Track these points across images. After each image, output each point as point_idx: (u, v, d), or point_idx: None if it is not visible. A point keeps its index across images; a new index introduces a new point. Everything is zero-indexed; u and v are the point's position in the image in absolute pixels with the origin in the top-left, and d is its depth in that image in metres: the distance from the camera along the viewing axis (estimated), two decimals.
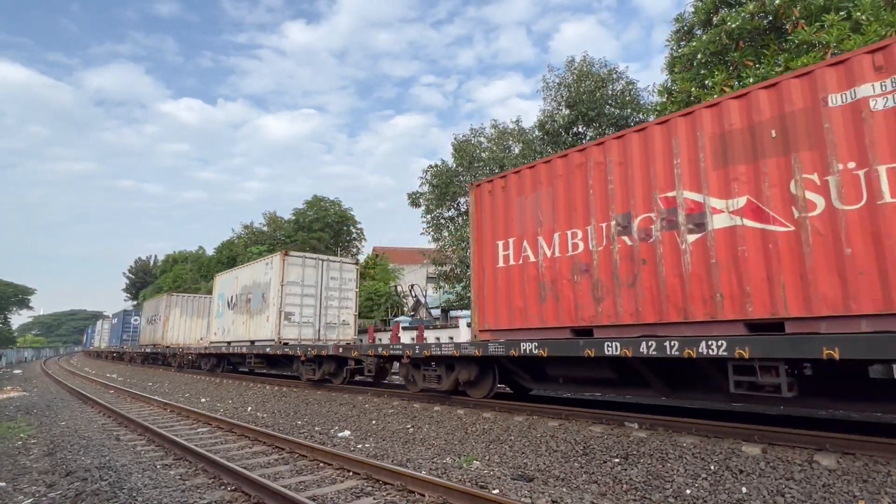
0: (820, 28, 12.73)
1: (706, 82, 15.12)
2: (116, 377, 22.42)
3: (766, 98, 5.72)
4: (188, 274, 46.86)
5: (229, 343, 17.28)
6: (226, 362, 18.74)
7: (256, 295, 15.94)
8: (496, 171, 23.20)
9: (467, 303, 20.43)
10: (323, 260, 15.80)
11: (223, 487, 5.19)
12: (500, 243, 8.53)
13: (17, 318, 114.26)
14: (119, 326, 37.06)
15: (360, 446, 6.93)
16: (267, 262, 15.63)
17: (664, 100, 16.77)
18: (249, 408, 11.02)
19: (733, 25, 14.14)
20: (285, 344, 13.97)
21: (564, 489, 4.80)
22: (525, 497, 4.53)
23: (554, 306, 7.55)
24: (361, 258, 34.51)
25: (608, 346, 6.10)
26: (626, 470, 5.11)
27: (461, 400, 8.89)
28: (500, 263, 8.47)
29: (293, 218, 34.13)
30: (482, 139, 25.48)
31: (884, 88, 4.96)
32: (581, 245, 7.33)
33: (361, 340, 19.20)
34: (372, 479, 5.25)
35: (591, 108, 22.25)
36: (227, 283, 18.82)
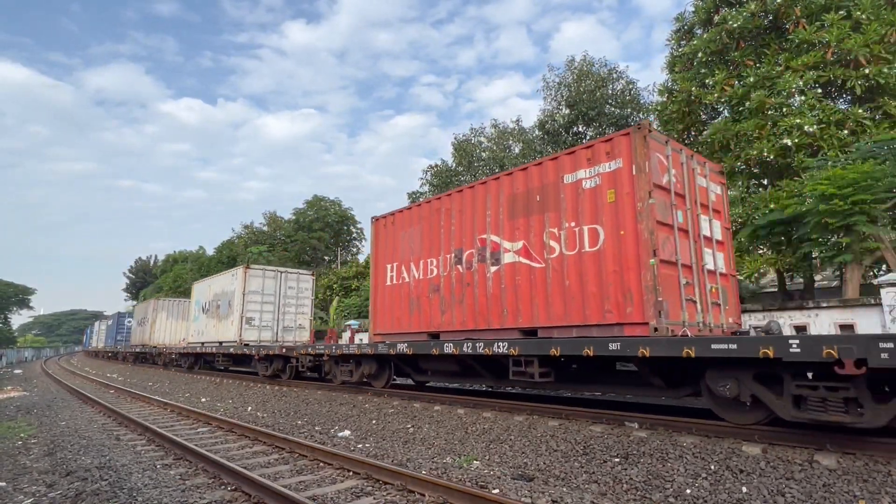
0: (820, 27, 12.71)
1: (707, 81, 15.10)
2: (116, 377, 22.42)
3: (537, 172, 7.95)
4: (188, 274, 46.89)
5: (203, 344, 19.21)
6: (202, 361, 20.71)
7: (224, 302, 18.05)
8: (496, 170, 23.20)
9: None
10: (281, 272, 18.05)
11: (223, 487, 5.19)
12: (388, 266, 10.88)
13: (18, 318, 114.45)
14: (114, 328, 39.14)
15: (360, 446, 6.93)
16: (232, 274, 17.84)
17: (664, 99, 16.75)
18: (250, 407, 11.02)
19: (734, 25, 14.12)
20: (246, 345, 16.03)
21: (565, 489, 4.79)
22: (525, 497, 4.53)
23: (418, 316, 9.88)
24: (361, 258, 34.51)
25: (447, 346, 8.30)
26: (626, 469, 5.11)
27: (461, 400, 8.91)
28: (388, 282, 10.82)
29: (293, 218, 34.18)
30: (482, 139, 25.48)
31: (590, 174, 7.20)
32: (435, 271, 9.61)
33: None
34: (372, 478, 5.25)
35: (591, 107, 22.25)
36: (202, 290, 20.92)
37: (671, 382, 6.63)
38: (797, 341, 4.76)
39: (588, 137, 23.89)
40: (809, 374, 5.05)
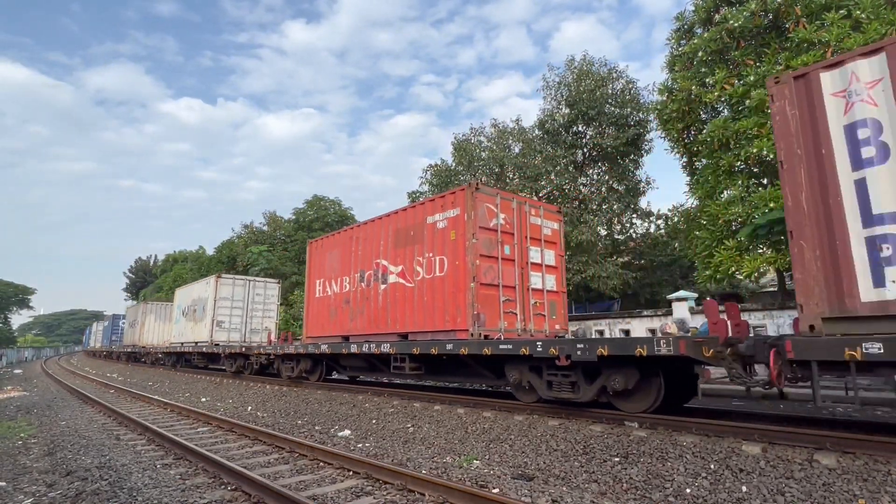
0: (820, 26, 12.70)
1: (707, 81, 15.09)
2: (116, 376, 22.43)
3: (412, 213, 10.20)
4: (188, 274, 46.86)
5: (182, 344, 21.40)
6: (183, 359, 22.51)
7: (199, 307, 20.15)
8: (496, 170, 23.17)
9: None
10: (250, 280, 20.33)
11: (223, 487, 5.19)
12: (317, 281, 13.21)
13: (18, 318, 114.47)
14: (109, 328, 41.54)
15: (360, 446, 6.93)
16: (206, 282, 20.04)
17: (664, 98, 16.74)
18: (250, 407, 11.03)
19: (735, 24, 14.11)
20: (216, 345, 18.09)
21: (565, 488, 4.80)
22: (525, 496, 4.53)
23: (336, 323, 12.14)
24: None
25: (352, 346, 10.47)
26: (626, 469, 5.11)
27: (461, 400, 8.92)
28: (317, 294, 13.16)
29: (293, 217, 34.15)
30: (482, 138, 25.44)
31: (441, 217, 9.36)
32: (347, 286, 11.89)
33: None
34: (372, 478, 5.25)
35: (591, 107, 22.24)
36: (183, 296, 23.14)
37: (495, 373, 8.55)
38: (540, 344, 7.02)
39: (588, 137, 23.88)
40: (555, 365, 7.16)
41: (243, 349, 15.70)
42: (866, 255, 4.71)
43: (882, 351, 4.29)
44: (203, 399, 12.96)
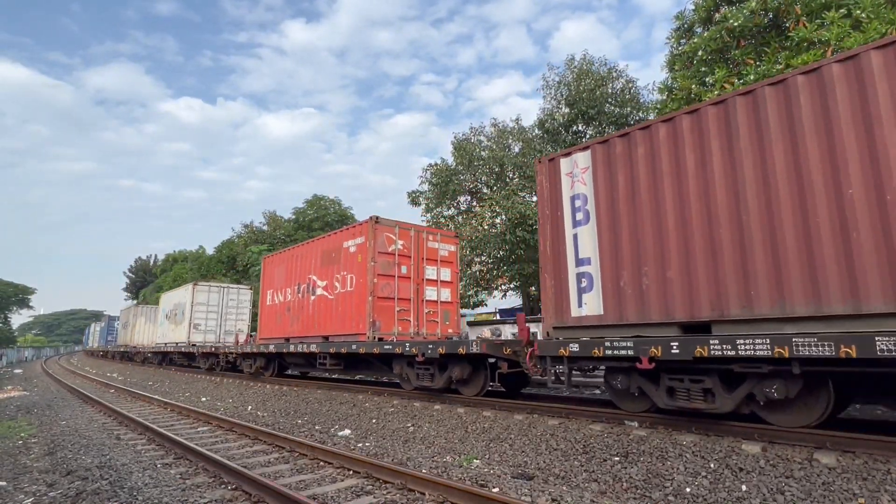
0: (820, 26, 12.70)
1: (707, 80, 15.09)
2: (116, 376, 22.44)
3: (335, 239, 12.45)
4: (188, 274, 46.82)
5: (165, 344, 23.93)
6: (168, 359, 24.64)
7: (179, 311, 22.45)
8: (496, 169, 23.15)
9: None
10: (224, 287, 22.72)
11: (223, 486, 5.20)
12: (269, 291, 15.56)
13: (18, 318, 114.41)
14: (106, 329, 44.87)
15: (360, 445, 6.93)
16: (185, 289, 22.46)
17: (664, 98, 16.74)
18: (250, 407, 11.03)
19: (735, 23, 14.10)
20: (193, 345, 20.32)
21: (564, 487, 4.80)
22: (525, 496, 4.54)
23: (281, 327, 14.34)
24: None
25: (291, 346, 12.81)
26: (625, 468, 5.11)
27: (460, 399, 8.92)
28: (268, 302, 15.48)
29: (293, 217, 34.12)
30: (482, 138, 25.42)
31: (353, 244, 11.55)
32: (290, 296, 14.13)
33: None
34: (372, 477, 5.25)
35: (590, 106, 22.22)
36: (166, 300, 25.51)
37: (389, 368, 10.48)
38: (408, 345, 9.21)
39: (588, 136, 23.84)
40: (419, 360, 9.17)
41: (213, 349, 18.01)
42: (576, 286, 6.85)
43: (578, 349, 6.44)
44: (203, 398, 12.97)
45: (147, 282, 70.84)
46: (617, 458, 5.39)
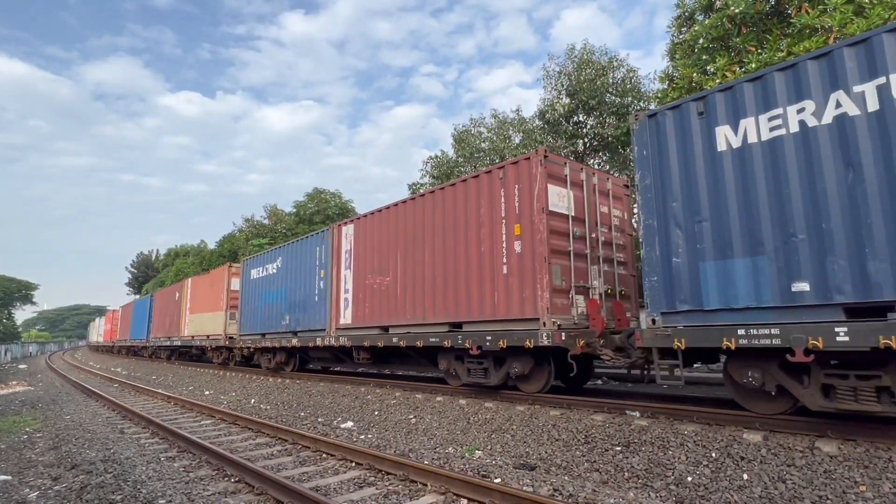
0: (823, 12, 12.56)
1: (708, 68, 14.95)
2: (120, 370, 22.55)
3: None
4: (190, 268, 46.92)
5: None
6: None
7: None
8: (496, 160, 23.06)
9: None
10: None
11: (227, 479, 5.22)
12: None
13: (21, 314, 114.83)
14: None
15: (362, 437, 6.96)
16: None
17: (666, 87, 16.61)
18: (253, 400, 11.08)
19: (736, 10, 13.95)
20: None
21: (566, 477, 4.82)
22: (527, 486, 4.55)
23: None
24: None
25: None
26: (627, 458, 5.12)
27: (462, 391, 8.94)
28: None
29: (294, 211, 34.08)
30: (482, 129, 25.29)
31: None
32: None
33: None
34: (374, 469, 5.28)
35: (591, 96, 22.08)
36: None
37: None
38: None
39: (589, 127, 23.71)
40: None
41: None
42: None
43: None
44: (206, 392, 13.03)
45: (149, 276, 70.95)
46: (618, 448, 5.41)
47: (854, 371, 4.69)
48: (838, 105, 4.80)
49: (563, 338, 6.79)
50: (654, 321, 5.87)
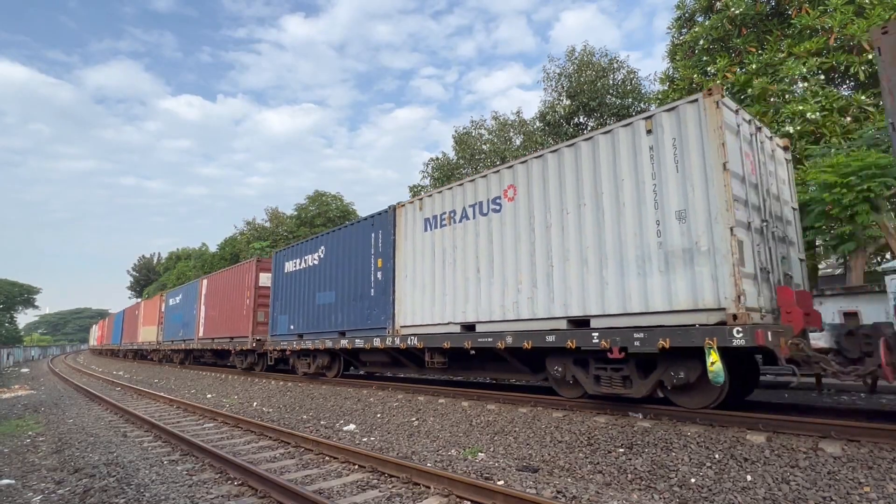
0: (823, 12, 12.57)
1: (708, 69, 14.97)
2: (122, 374, 22.57)
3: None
4: (192, 271, 46.99)
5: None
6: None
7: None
8: (497, 162, 23.10)
9: None
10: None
11: (230, 482, 5.23)
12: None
13: (24, 318, 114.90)
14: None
15: (365, 440, 6.96)
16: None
17: (666, 88, 16.62)
18: (255, 403, 11.08)
19: (736, 11, 13.97)
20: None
21: (569, 479, 4.81)
22: (530, 488, 4.55)
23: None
24: None
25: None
26: (630, 460, 5.12)
27: (464, 392, 8.93)
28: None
29: (295, 213, 34.13)
30: (483, 131, 25.34)
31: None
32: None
33: None
34: (377, 471, 5.28)
35: (592, 98, 22.11)
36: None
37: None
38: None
39: (589, 128, 23.74)
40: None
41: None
42: None
43: None
44: (209, 395, 13.03)
45: (150, 280, 71.03)
46: (622, 450, 5.40)
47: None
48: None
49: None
50: None
